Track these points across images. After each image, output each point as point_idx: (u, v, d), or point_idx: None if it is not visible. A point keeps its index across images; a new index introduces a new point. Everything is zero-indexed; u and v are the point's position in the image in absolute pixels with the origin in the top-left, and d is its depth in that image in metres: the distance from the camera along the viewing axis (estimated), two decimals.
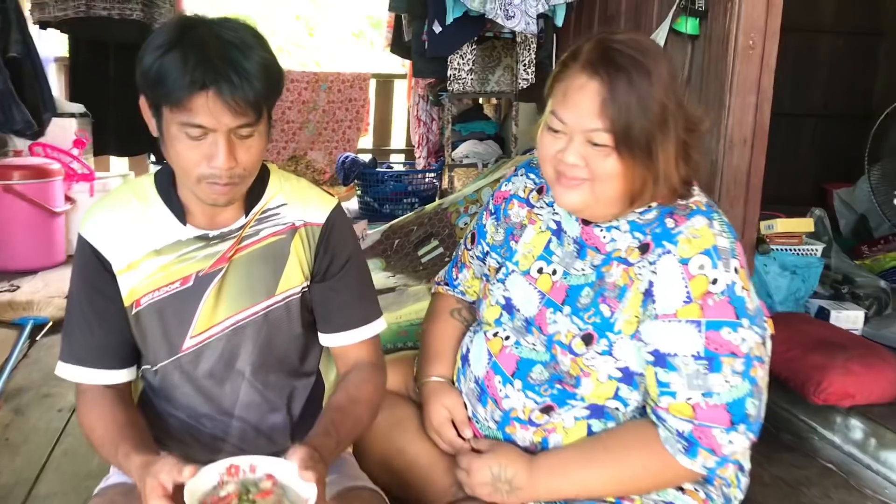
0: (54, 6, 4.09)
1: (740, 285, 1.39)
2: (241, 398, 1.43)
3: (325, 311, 1.48)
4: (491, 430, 1.59)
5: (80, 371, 1.38)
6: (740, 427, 1.38)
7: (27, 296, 3.23)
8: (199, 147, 1.23)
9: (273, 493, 1.20)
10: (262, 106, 1.25)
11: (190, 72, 1.17)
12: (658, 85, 1.34)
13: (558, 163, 1.41)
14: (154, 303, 1.37)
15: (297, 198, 1.46)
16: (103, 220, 1.38)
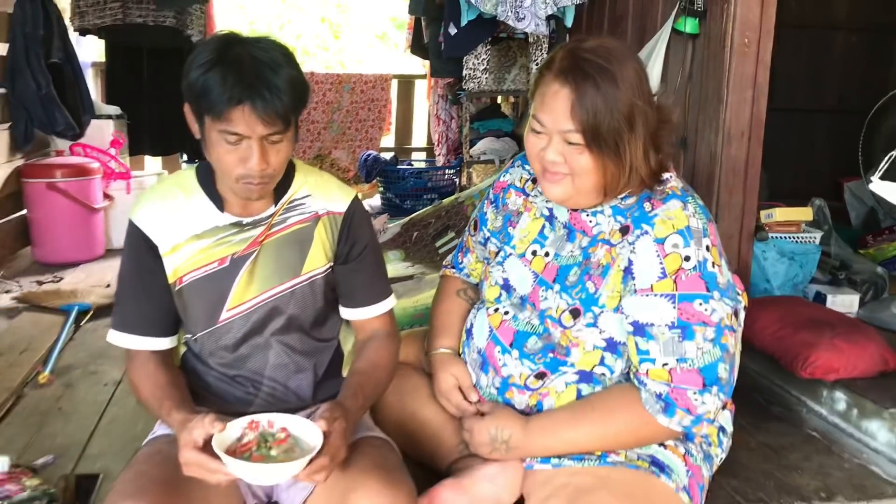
0: (93, 14, 4.29)
1: (711, 261, 1.54)
2: (271, 361, 1.61)
3: (347, 289, 1.67)
4: (492, 395, 1.75)
5: (129, 338, 1.57)
6: (713, 389, 1.53)
7: (71, 285, 3.44)
8: (235, 151, 1.42)
9: (287, 441, 1.39)
10: (290, 116, 1.43)
11: (229, 89, 1.36)
12: (624, 87, 1.48)
13: (542, 160, 1.57)
14: (195, 280, 1.56)
15: (320, 190, 1.64)
16: (152, 209, 1.56)
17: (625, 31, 3.50)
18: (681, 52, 2.95)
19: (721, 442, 1.76)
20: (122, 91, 4.74)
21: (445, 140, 5.51)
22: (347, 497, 1.40)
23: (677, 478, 1.58)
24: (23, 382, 2.36)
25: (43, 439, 2.01)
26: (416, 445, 1.78)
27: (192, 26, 4.40)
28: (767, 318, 2.46)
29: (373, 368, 1.62)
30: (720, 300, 1.53)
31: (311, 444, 1.38)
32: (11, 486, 1.69)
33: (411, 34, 5.24)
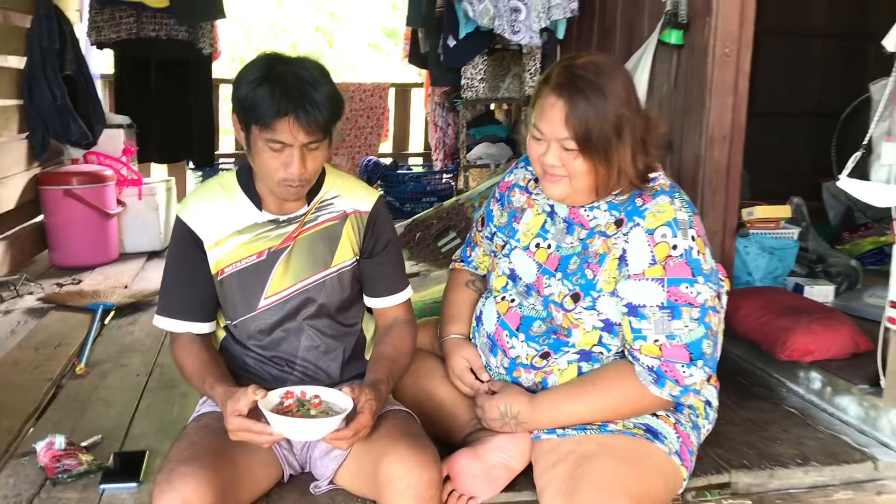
0: (109, 29, 4.46)
1: (696, 250, 1.74)
2: (303, 343, 1.81)
3: (371, 281, 1.87)
4: (501, 374, 1.94)
5: (173, 322, 1.77)
6: (698, 363, 1.72)
7: (92, 287, 3.60)
8: (278, 157, 1.61)
9: (321, 405, 1.61)
10: (328, 127, 1.63)
11: (276, 103, 1.55)
12: (612, 99, 1.67)
13: (542, 163, 1.77)
14: (236, 272, 1.75)
15: (348, 191, 1.84)
16: (198, 208, 1.76)
17: (613, 42, 3.70)
18: (666, 62, 3.14)
19: (708, 414, 1.95)
20: (131, 101, 4.90)
21: (442, 146, 5.70)
22: (380, 461, 1.59)
23: (669, 443, 1.77)
24: (61, 374, 2.54)
25: (87, 423, 2.19)
26: (433, 422, 1.95)
27: (203, 40, 4.58)
28: (749, 307, 2.66)
29: (398, 354, 1.82)
30: (704, 284, 1.73)
31: (342, 406, 1.59)
32: (70, 460, 1.87)
33: (408, 44, 5.42)
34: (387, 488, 1.56)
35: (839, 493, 1.98)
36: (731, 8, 2.86)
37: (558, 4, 3.52)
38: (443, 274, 3.30)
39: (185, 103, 4.95)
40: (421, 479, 1.55)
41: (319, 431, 1.54)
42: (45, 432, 2.03)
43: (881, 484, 2.01)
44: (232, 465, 1.60)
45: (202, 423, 1.71)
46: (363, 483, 1.71)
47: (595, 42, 3.91)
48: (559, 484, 1.66)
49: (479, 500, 1.79)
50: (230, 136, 6.67)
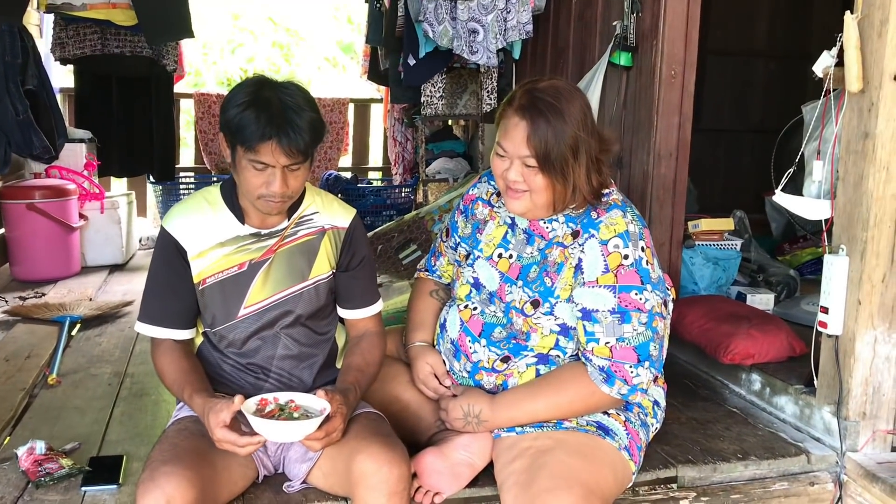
0: (73, 45, 4.48)
1: (645, 260, 1.89)
2: (279, 352, 1.91)
3: (347, 293, 1.98)
4: (464, 378, 2.06)
5: (154, 329, 1.86)
6: (645, 364, 1.87)
7: (57, 300, 3.63)
8: (261, 176, 1.72)
9: (299, 409, 1.73)
10: (309, 151, 1.74)
11: (262, 127, 1.67)
12: (570, 122, 1.82)
13: (505, 179, 1.90)
14: (217, 282, 1.85)
15: (327, 208, 1.95)
16: (183, 220, 1.85)
17: (566, 62, 3.87)
18: (616, 83, 3.30)
19: (656, 414, 2.10)
20: (92, 116, 4.90)
21: (402, 160, 5.81)
22: (353, 459, 1.69)
23: (619, 439, 1.90)
24: (33, 384, 2.59)
25: (63, 430, 2.25)
26: (399, 423, 2.04)
27: (167, 57, 4.63)
28: (694, 314, 2.82)
29: (367, 365, 1.94)
30: (652, 292, 1.88)
31: (317, 408, 1.71)
32: (51, 464, 1.94)
33: (367, 62, 5.54)
34: (359, 484, 1.67)
35: (776, 485, 2.15)
36: (676, 32, 3.03)
37: (514, 26, 3.68)
38: (404, 285, 3.42)
39: (147, 118, 4.98)
40: (392, 474, 1.66)
41: (301, 432, 1.65)
42: (22, 439, 2.10)
43: (813, 475, 2.18)
44: (211, 465, 1.69)
45: (181, 427, 1.80)
46: (335, 481, 1.81)
47: (549, 62, 4.08)
48: (518, 476, 1.78)
49: (443, 496, 1.90)
50: (190, 150, 6.70)
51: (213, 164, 6.09)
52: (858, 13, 2.08)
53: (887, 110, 2.06)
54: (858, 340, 2.16)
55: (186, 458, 1.64)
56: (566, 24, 3.87)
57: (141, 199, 5.71)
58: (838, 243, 2.20)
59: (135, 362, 2.88)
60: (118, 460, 2.03)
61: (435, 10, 3.66)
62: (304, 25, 10.51)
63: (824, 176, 2.30)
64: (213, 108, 6.06)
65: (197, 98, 6.15)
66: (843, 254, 2.18)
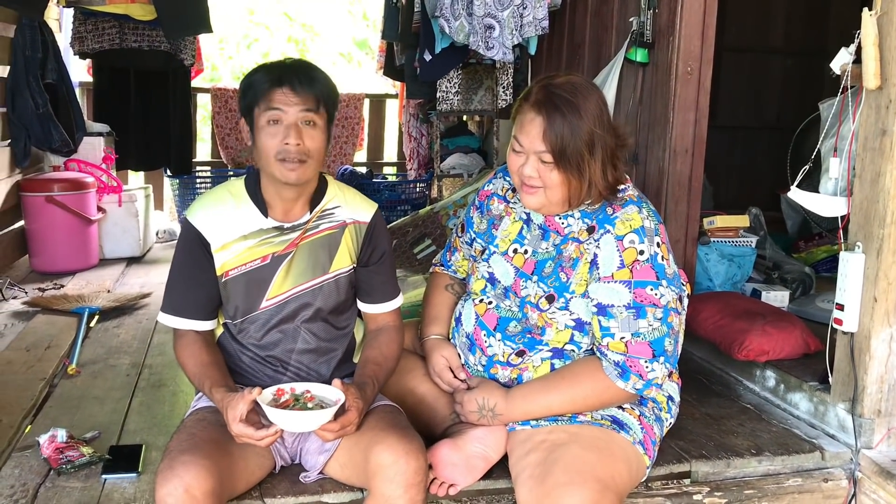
0: (92, 40, 4.53)
1: (661, 255, 1.90)
2: (298, 346, 1.92)
3: (367, 288, 2.00)
4: (479, 372, 2.07)
5: (176, 320, 1.88)
6: (660, 359, 1.88)
7: (75, 291, 3.68)
8: (276, 134, 1.76)
9: (314, 399, 1.75)
10: (321, 102, 1.78)
11: (272, 74, 1.75)
12: (586, 117, 1.82)
13: (521, 174, 1.91)
14: (240, 274, 1.86)
15: (348, 202, 1.97)
16: (207, 212, 1.87)
17: (582, 58, 3.87)
18: (632, 79, 3.31)
19: (670, 409, 2.11)
20: (110, 109, 4.95)
21: (417, 155, 5.83)
22: (371, 451, 1.71)
23: (634, 433, 1.92)
24: (53, 373, 2.63)
25: (83, 419, 2.28)
26: (415, 416, 2.06)
27: (185, 51, 4.67)
28: (709, 311, 2.83)
29: (384, 359, 1.95)
30: (667, 287, 1.88)
31: (332, 398, 1.73)
32: (72, 452, 1.97)
33: (383, 57, 5.55)
34: (377, 475, 1.68)
35: (790, 481, 2.15)
36: (692, 28, 3.03)
37: (530, 22, 3.68)
38: (419, 279, 3.43)
39: (164, 112, 5.03)
40: (409, 465, 1.68)
41: (316, 422, 1.68)
42: (43, 428, 2.13)
43: (827, 472, 2.19)
44: (229, 455, 1.72)
45: (199, 417, 1.82)
46: (352, 472, 1.83)
47: (565, 57, 4.09)
48: (532, 470, 1.79)
49: (458, 488, 1.92)
50: (206, 144, 6.74)
51: (230, 158, 6.13)
52: (877, 10, 2.08)
53: None
54: (874, 338, 2.15)
55: (205, 448, 1.66)
56: (582, 19, 3.87)
57: (158, 192, 5.75)
58: (854, 240, 2.20)
59: (152, 353, 2.91)
60: (137, 449, 2.06)
61: (451, 6, 3.66)
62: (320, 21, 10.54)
63: (841, 173, 2.30)
64: (229, 102, 6.09)
65: (214, 92, 6.19)
66: (860, 251, 2.18)
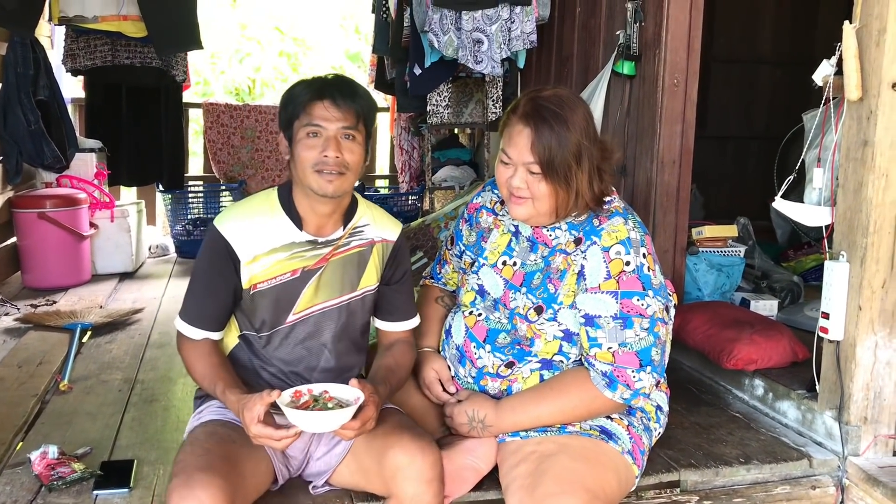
0: (84, 56, 4.55)
1: (647, 266, 1.92)
2: (321, 365, 1.93)
3: (388, 306, 2.03)
4: (469, 384, 2.09)
5: (190, 328, 1.86)
6: (647, 368, 1.89)
7: (68, 307, 3.68)
8: (315, 146, 1.77)
9: (333, 400, 1.74)
10: (361, 117, 1.80)
11: (314, 87, 1.78)
12: (573, 129, 1.85)
13: (509, 186, 1.93)
14: (269, 288, 1.86)
15: (377, 221, 1.99)
16: (239, 223, 1.85)
17: (570, 71, 3.91)
18: (620, 91, 3.34)
19: (659, 418, 2.12)
20: (102, 125, 4.97)
21: (408, 168, 5.85)
22: (385, 454, 1.73)
23: (622, 443, 1.93)
24: (45, 390, 2.63)
25: (75, 435, 2.29)
26: None
27: (176, 67, 4.69)
28: (698, 320, 2.85)
29: (397, 367, 1.97)
30: (654, 297, 1.90)
31: (351, 397, 1.73)
32: (63, 468, 1.97)
33: (374, 71, 5.58)
34: (395, 477, 1.71)
35: (778, 489, 2.17)
36: (678, 41, 3.06)
37: (518, 36, 3.72)
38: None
39: (156, 127, 5.04)
40: (425, 462, 1.71)
41: (336, 422, 1.66)
42: (35, 444, 2.13)
43: (815, 479, 2.21)
44: (241, 473, 1.71)
45: (209, 430, 1.80)
46: (363, 478, 1.84)
47: (553, 71, 4.12)
48: (522, 481, 1.80)
49: (450, 499, 1.93)
50: (199, 159, 6.76)
51: (222, 172, 6.15)
52: (857, 23, 2.11)
53: (886, 118, 2.09)
54: (859, 346, 2.18)
55: (222, 466, 1.65)
56: (570, 33, 3.91)
57: (150, 207, 5.76)
58: (839, 249, 2.23)
59: (145, 369, 2.92)
60: (129, 465, 2.07)
61: (440, 21, 3.70)
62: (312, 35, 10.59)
63: (824, 183, 2.32)
64: (221, 117, 6.12)
65: (205, 107, 6.21)
66: (844, 260, 2.20)
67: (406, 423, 1.85)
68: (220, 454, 1.69)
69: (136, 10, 4.29)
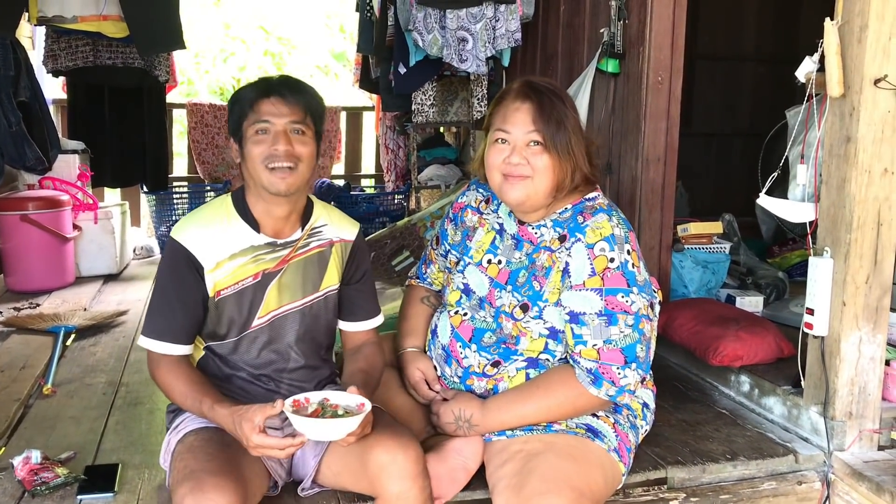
0: (65, 57, 4.52)
1: (631, 263, 1.92)
2: (290, 365, 1.93)
3: (350, 306, 2.02)
4: (455, 383, 2.08)
5: (159, 344, 1.82)
6: (632, 365, 1.89)
7: (51, 310, 3.64)
8: (265, 142, 1.77)
9: (338, 406, 1.73)
10: (309, 113, 1.80)
11: (260, 86, 1.78)
12: (568, 105, 1.92)
13: (505, 166, 1.92)
14: (233, 293, 1.85)
15: (334, 221, 1.99)
16: (196, 231, 1.84)
17: (555, 69, 3.91)
18: (604, 89, 3.35)
19: (645, 416, 2.12)
20: (84, 126, 4.94)
21: (394, 167, 5.85)
22: (368, 455, 1.72)
23: (609, 441, 1.93)
24: (28, 394, 2.61)
25: (59, 439, 2.27)
26: None
27: (159, 67, 4.66)
28: (684, 317, 2.85)
29: (371, 369, 1.97)
30: (638, 294, 1.90)
31: (354, 404, 1.72)
32: (46, 473, 1.95)
33: (359, 70, 5.57)
34: (380, 476, 1.71)
35: (764, 484, 2.17)
36: (662, 39, 3.07)
37: (503, 35, 3.71)
38: (397, 291, 3.44)
39: (139, 128, 5.02)
40: (408, 458, 1.71)
41: (346, 429, 1.65)
42: (18, 449, 2.11)
43: (801, 475, 2.21)
44: (246, 477, 1.69)
45: (206, 437, 1.77)
46: (348, 478, 1.83)
47: (538, 69, 4.12)
48: (509, 480, 1.80)
49: (443, 500, 1.92)
50: (183, 159, 6.72)
51: (207, 173, 6.12)
52: (839, 19, 2.12)
53: (868, 114, 2.09)
54: (844, 341, 2.19)
55: (230, 471, 1.63)
56: (554, 31, 3.91)
57: (134, 208, 5.72)
58: (822, 245, 2.24)
59: (129, 372, 2.90)
60: (113, 469, 2.05)
61: (424, 20, 3.69)
62: (297, 34, 10.56)
63: (808, 179, 2.33)
64: (205, 117, 6.09)
65: (189, 108, 6.18)
66: (828, 256, 2.21)
67: (386, 421, 1.84)
68: (225, 459, 1.68)
69: (116, 10, 4.26)
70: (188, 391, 1.78)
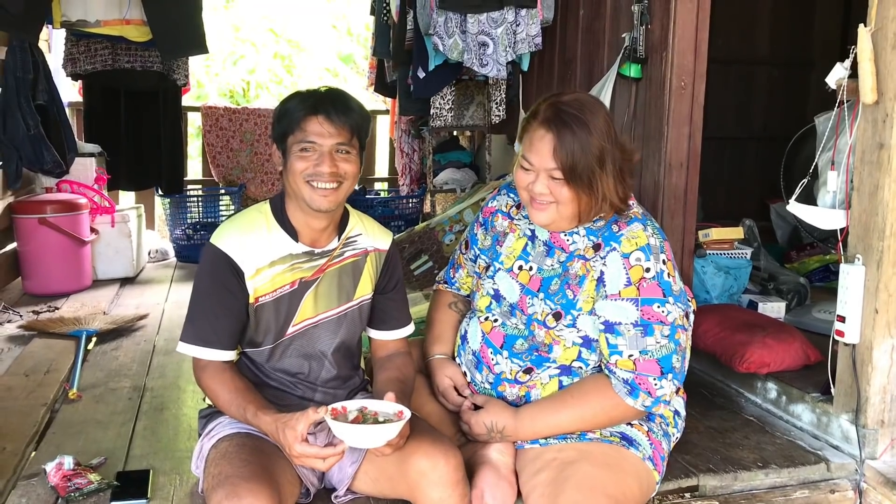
0: (84, 61, 4.52)
1: (667, 272, 1.91)
2: (323, 375, 1.94)
3: (382, 315, 2.03)
4: (486, 389, 2.07)
5: (201, 350, 1.82)
6: (668, 376, 1.89)
7: (71, 313, 3.64)
8: (309, 159, 1.77)
9: (377, 413, 1.72)
10: (355, 133, 1.79)
11: (307, 103, 1.76)
12: (595, 133, 1.84)
13: (531, 191, 1.92)
14: (271, 301, 1.86)
15: (369, 230, 2.00)
16: (237, 238, 1.84)
17: (574, 73, 3.89)
18: (626, 94, 3.33)
19: (677, 423, 2.12)
20: (100, 130, 4.93)
21: (409, 171, 5.84)
22: (407, 462, 1.72)
23: (643, 449, 1.93)
24: (55, 399, 2.61)
25: (88, 445, 2.27)
26: None
27: (178, 71, 4.67)
28: (708, 323, 2.84)
29: (406, 378, 1.98)
30: (674, 304, 1.89)
31: (392, 411, 1.71)
32: (79, 479, 1.95)
33: (374, 74, 5.56)
34: (420, 483, 1.71)
35: (797, 493, 2.16)
36: (685, 44, 3.05)
37: (523, 39, 3.71)
38: (417, 296, 3.44)
39: (155, 131, 5.02)
40: (448, 465, 1.71)
41: (387, 436, 1.65)
42: (47, 455, 2.12)
43: (834, 483, 2.20)
44: (280, 483, 1.69)
45: (239, 443, 1.77)
46: (386, 485, 1.83)
47: (556, 73, 4.11)
48: (543, 489, 1.80)
49: None
50: (197, 162, 6.73)
51: (221, 176, 6.12)
52: (872, 26, 2.11)
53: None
54: (876, 349, 2.18)
55: (265, 478, 1.63)
56: (574, 35, 3.89)
57: (148, 211, 5.73)
58: (854, 253, 2.23)
59: (153, 376, 2.90)
60: (145, 475, 2.04)
61: (445, 24, 3.69)
62: (305, 36, 10.55)
63: (839, 186, 2.32)
64: (220, 120, 6.09)
65: (204, 111, 6.18)
66: (860, 263, 2.20)
67: (424, 427, 1.84)
68: (259, 464, 1.67)
69: (139, 14, 4.28)
70: (232, 398, 1.79)
